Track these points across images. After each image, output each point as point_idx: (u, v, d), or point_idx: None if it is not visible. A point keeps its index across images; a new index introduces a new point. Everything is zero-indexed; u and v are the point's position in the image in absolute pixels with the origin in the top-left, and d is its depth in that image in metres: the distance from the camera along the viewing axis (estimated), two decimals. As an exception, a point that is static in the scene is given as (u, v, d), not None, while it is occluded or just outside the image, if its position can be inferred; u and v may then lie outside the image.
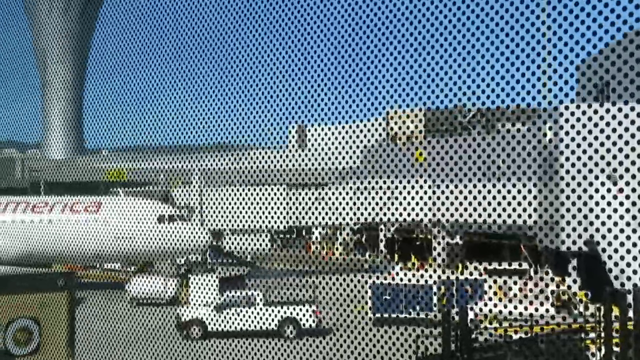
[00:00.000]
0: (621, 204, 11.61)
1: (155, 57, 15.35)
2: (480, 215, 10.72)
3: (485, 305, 24.55)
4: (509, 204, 9.09)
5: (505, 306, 13.98)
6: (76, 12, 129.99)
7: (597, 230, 8.99)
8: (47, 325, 11.64)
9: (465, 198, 11.21)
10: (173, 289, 40.44)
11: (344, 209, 27.34)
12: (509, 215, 9.13)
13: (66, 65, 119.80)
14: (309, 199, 38.80)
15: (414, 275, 33.02)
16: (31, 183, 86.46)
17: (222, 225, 33.42)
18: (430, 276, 31.22)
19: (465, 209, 11.29)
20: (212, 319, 31.93)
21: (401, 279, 31.93)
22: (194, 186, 42.52)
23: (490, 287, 29.64)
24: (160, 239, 38.42)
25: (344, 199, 28.51)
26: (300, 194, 39.46)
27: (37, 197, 56.55)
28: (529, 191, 9.26)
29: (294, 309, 31.73)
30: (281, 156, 14.44)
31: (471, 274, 34.37)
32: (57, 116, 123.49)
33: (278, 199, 34.86)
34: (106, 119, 17.91)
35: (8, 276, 13.57)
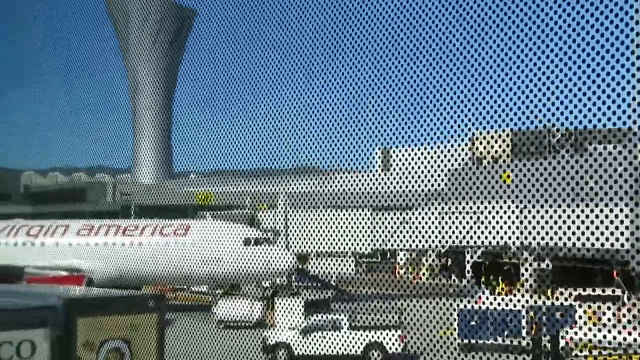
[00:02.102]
0: None
1: (241, 84, 15.62)
2: (570, 239, 10.43)
3: (578, 332, 23.80)
4: (601, 226, 8.82)
5: (596, 334, 13.53)
6: (166, 40, 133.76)
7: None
8: (138, 347, 11.87)
9: (556, 221, 10.94)
10: (259, 312, 40.72)
11: (429, 232, 27.05)
12: (601, 238, 8.85)
13: (156, 92, 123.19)
14: (394, 222, 38.57)
15: (503, 300, 32.30)
16: (122, 206, 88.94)
17: (307, 248, 33.56)
18: (519, 301, 30.48)
19: (556, 232, 11.01)
20: (298, 343, 31.98)
21: (490, 304, 31.28)
22: (280, 209, 42.89)
23: (582, 313, 28.74)
24: (246, 262, 38.83)
25: (429, 222, 28.21)
26: (385, 217, 39.26)
27: (128, 220, 58.10)
28: (621, 212, 8.97)
29: (380, 333, 31.47)
30: (366, 179, 14.42)
31: (559, 297, 33.43)
32: (147, 141, 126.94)
33: (363, 222, 34.77)
34: (194, 144, 18.28)
35: (101, 297, 13.93)
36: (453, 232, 27.25)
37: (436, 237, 27.66)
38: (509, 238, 11.69)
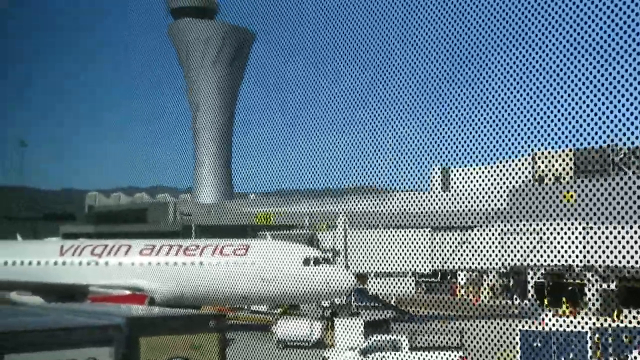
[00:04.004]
0: None
1: (300, 104, 15.74)
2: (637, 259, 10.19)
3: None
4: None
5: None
6: (225, 62, 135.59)
7: None
8: (200, 365, 11.98)
9: (624, 241, 10.70)
10: (318, 331, 40.66)
11: (490, 252, 26.74)
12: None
13: (216, 113, 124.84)
14: (454, 242, 38.21)
15: (567, 321, 31.64)
16: (183, 226, 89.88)
17: (366, 268, 33.45)
18: (585, 323, 29.80)
19: (624, 252, 10.77)
20: (357, 363, 31.80)
21: (553, 326, 30.63)
22: (339, 229, 42.88)
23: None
24: (305, 282, 38.89)
25: (490, 242, 27.92)
26: (445, 236, 38.92)
27: (189, 240, 58.74)
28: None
29: (440, 354, 31.09)
30: (425, 199, 14.34)
31: (628, 321, 32.55)
32: (207, 162, 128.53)
33: (422, 242, 34.53)
34: (253, 165, 18.45)
35: (163, 317, 14.14)
36: (514, 252, 26.85)
37: (497, 257, 27.28)
38: (572, 258, 11.46)
